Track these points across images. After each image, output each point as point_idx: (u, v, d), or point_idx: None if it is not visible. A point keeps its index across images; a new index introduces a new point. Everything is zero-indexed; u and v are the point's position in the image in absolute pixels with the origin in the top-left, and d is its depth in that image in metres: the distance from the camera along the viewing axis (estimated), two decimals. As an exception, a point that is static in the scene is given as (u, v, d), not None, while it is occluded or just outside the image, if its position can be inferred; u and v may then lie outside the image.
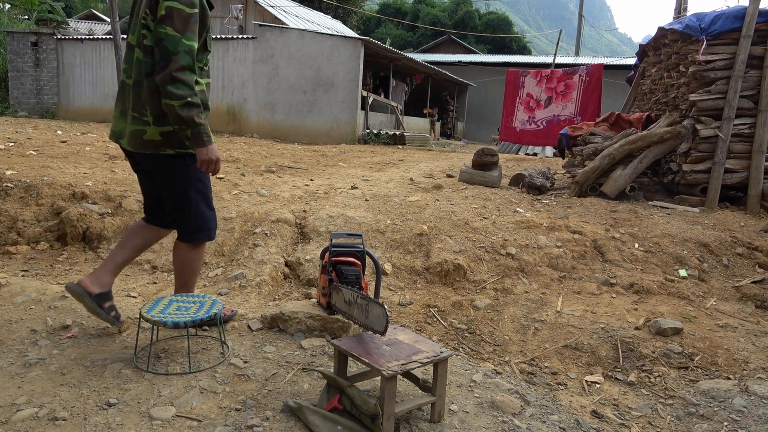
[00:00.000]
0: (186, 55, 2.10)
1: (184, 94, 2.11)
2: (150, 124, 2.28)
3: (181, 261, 2.59)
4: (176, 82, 2.09)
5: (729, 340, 3.02)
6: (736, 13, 5.52)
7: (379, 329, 2.05)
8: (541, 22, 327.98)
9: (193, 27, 2.12)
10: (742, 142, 5.60)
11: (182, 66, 2.09)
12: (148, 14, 2.17)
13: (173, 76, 2.08)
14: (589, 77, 11.48)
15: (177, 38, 2.08)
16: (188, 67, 2.11)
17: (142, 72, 2.26)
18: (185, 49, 2.10)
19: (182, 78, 2.09)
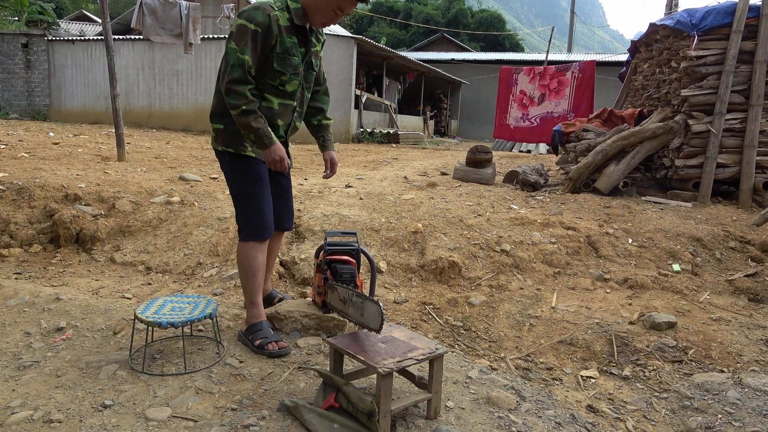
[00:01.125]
0: (238, 68, 2.27)
1: (238, 104, 2.28)
2: (211, 122, 2.53)
3: (236, 259, 2.63)
4: (230, 93, 2.28)
5: (722, 333, 3.04)
6: (727, 8, 5.55)
7: (375, 327, 2.05)
8: (534, 19, 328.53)
9: (249, 42, 2.26)
10: (734, 137, 5.63)
11: (233, 78, 2.27)
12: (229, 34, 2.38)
13: (227, 87, 2.28)
14: (581, 74, 11.51)
15: (234, 51, 2.27)
16: (239, 79, 2.27)
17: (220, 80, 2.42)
18: (238, 63, 2.26)
19: (234, 89, 2.27)
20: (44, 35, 15.73)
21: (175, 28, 9.26)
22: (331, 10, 2.32)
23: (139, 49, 15.33)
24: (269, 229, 2.55)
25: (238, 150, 2.47)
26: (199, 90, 14.98)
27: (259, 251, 2.55)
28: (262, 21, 2.27)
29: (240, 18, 2.29)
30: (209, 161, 7.51)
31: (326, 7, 2.32)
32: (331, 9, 2.32)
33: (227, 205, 4.54)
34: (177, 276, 3.68)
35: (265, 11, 2.28)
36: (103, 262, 3.90)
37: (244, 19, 2.27)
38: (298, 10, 2.36)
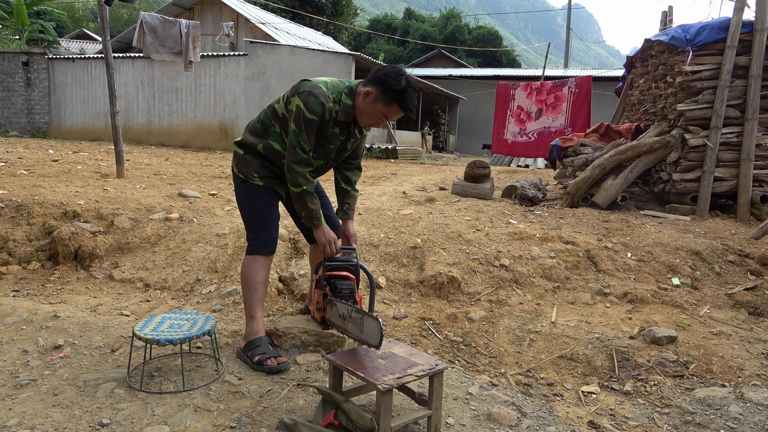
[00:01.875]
0: (300, 151, 2.42)
1: (299, 183, 2.45)
2: (234, 145, 2.70)
3: (240, 273, 2.68)
4: (292, 172, 2.44)
5: (723, 347, 3.03)
6: (720, 24, 5.62)
7: (374, 343, 2.04)
8: (530, 35, 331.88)
9: (306, 129, 2.40)
10: (731, 150, 5.66)
11: (297, 160, 2.43)
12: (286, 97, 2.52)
13: (290, 166, 2.44)
14: (578, 89, 11.60)
15: (296, 134, 2.40)
16: (302, 161, 2.43)
17: (265, 125, 2.60)
18: (299, 146, 2.41)
19: (297, 170, 2.43)
20: (45, 53, 15.85)
21: (175, 46, 9.35)
22: (377, 116, 2.45)
23: (139, 66, 15.44)
24: (273, 244, 2.65)
25: (248, 178, 2.60)
26: (198, 107, 15.06)
27: (263, 266, 2.60)
28: (319, 111, 2.38)
29: (300, 99, 2.39)
30: (208, 178, 7.53)
31: (374, 113, 2.44)
32: (378, 115, 2.45)
33: (226, 221, 4.55)
34: (175, 293, 3.66)
35: (322, 103, 2.38)
36: (101, 279, 3.89)
37: (303, 105, 2.37)
38: (349, 107, 2.47)
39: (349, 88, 2.49)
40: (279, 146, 2.54)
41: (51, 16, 24.23)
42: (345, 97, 2.46)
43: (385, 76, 2.37)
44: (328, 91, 2.42)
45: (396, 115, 2.45)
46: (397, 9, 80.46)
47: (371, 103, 2.41)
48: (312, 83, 2.43)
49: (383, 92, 2.38)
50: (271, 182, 2.61)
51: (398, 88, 2.35)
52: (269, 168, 2.60)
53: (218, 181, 7.21)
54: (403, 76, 2.37)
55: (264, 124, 2.59)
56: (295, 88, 2.47)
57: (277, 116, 2.54)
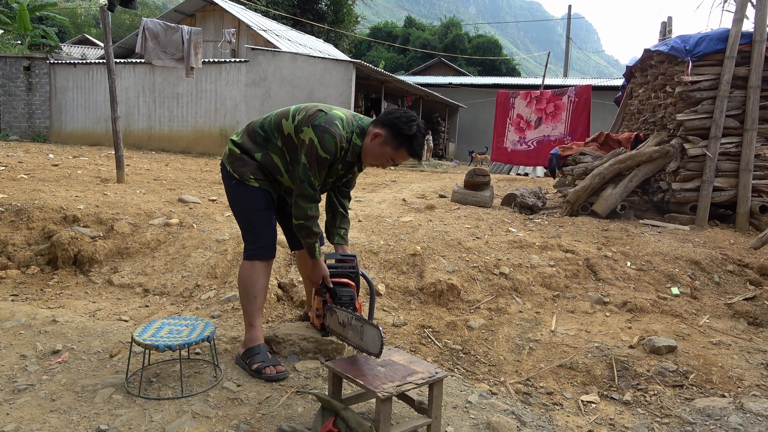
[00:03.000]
0: (308, 186, 2.39)
1: (302, 216, 2.44)
2: (231, 144, 2.62)
3: (237, 279, 2.65)
4: (298, 206, 2.43)
5: (723, 357, 3.02)
6: (720, 35, 5.65)
7: (374, 351, 2.04)
8: (530, 44, 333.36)
9: (317, 166, 2.38)
10: (730, 160, 5.68)
11: (303, 194, 2.41)
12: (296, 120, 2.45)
13: (297, 201, 2.43)
14: (577, 98, 11.64)
15: (306, 169, 2.37)
16: (308, 196, 2.41)
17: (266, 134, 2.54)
18: (308, 181, 2.39)
19: (300, 204, 2.42)
20: (46, 58, 15.89)
21: (177, 52, 9.38)
22: (384, 159, 2.45)
23: (140, 72, 15.48)
24: (273, 249, 2.60)
25: (243, 179, 2.53)
26: (199, 113, 15.09)
27: (262, 273, 2.57)
28: (333, 151, 2.37)
29: (315, 133, 2.34)
30: (208, 183, 7.54)
31: (381, 155, 2.43)
32: (385, 158, 2.44)
33: (226, 227, 4.55)
34: (175, 298, 3.66)
35: (338, 144, 2.36)
36: (100, 284, 3.88)
37: (318, 142, 2.33)
38: (358, 148, 2.46)
39: (361, 128, 2.47)
40: (278, 160, 2.51)
41: (53, 21, 24.31)
42: (356, 138, 2.44)
43: (397, 120, 2.36)
44: (343, 130, 2.39)
45: (403, 159, 2.45)
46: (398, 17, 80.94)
47: (379, 145, 2.40)
48: (328, 118, 2.37)
49: (393, 136, 2.37)
50: (266, 185, 2.56)
51: (409, 133, 2.35)
52: (265, 172, 2.55)
53: (218, 186, 7.21)
54: (414, 122, 2.37)
55: (266, 133, 2.53)
56: (309, 118, 2.40)
57: (281, 132, 2.49)
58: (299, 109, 2.49)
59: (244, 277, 2.57)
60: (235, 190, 2.57)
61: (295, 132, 2.44)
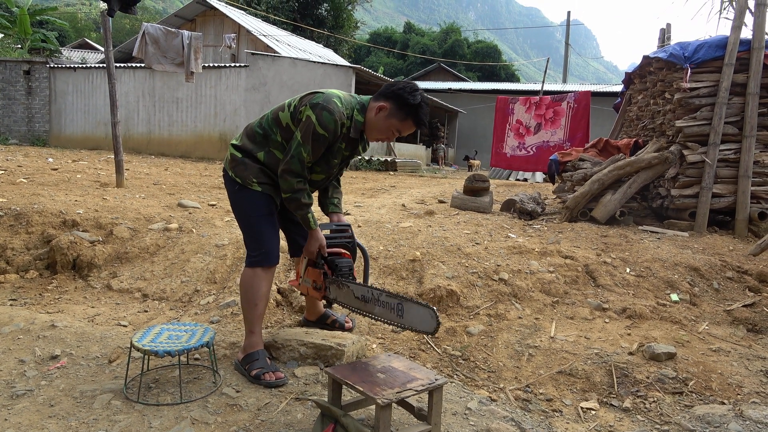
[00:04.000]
0: (297, 162, 2.38)
1: (291, 188, 2.41)
2: (232, 148, 2.60)
3: (239, 285, 2.62)
4: (283, 178, 2.41)
5: (722, 364, 3.02)
6: (718, 42, 5.67)
7: (428, 330, 2.03)
8: (529, 50, 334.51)
9: (313, 143, 2.37)
10: (729, 167, 5.69)
11: (290, 169, 2.39)
12: (293, 107, 2.47)
13: (282, 173, 2.40)
14: (577, 104, 11.67)
15: (298, 145, 2.37)
16: (295, 172, 2.39)
17: (265, 131, 2.54)
18: (299, 157, 2.37)
19: (287, 178, 2.40)
20: (46, 62, 15.92)
21: (177, 56, 9.40)
22: (390, 131, 2.44)
23: (140, 76, 15.51)
24: (276, 256, 2.57)
25: (246, 183, 2.51)
26: (199, 117, 15.10)
27: (264, 280, 2.55)
28: (331, 128, 2.36)
29: (313, 111, 2.34)
30: (207, 188, 7.54)
31: (387, 127, 2.43)
32: (391, 130, 2.44)
33: (225, 232, 4.54)
34: (174, 303, 3.65)
35: (337, 121, 2.36)
36: (99, 288, 3.87)
37: (316, 119, 2.33)
38: (359, 123, 2.46)
39: (361, 104, 2.47)
40: (281, 155, 2.49)
41: (53, 25, 24.38)
42: (357, 114, 2.45)
43: (401, 91, 2.36)
44: (342, 107, 2.39)
45: (409, 130, 2.44)
46: (398, 23, 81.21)
47: (384, 118, 2.40)
48: (326, 96, 2.38)
49: (398, 107, 2.37)
50: (269, 189, 2.54)
51: (414, 103, 2.35)
52: (268, 174, 2.53)
53: (218, 191, 7.21)
54: (418, 91, 2.37)
55: (264, 131, 2.53)
56: (306, 98, 2.42)
57: (279, 125, 2.49)
58: (294, 99, 2.51)
59: (245, 285, 2.55)
60: (237, 195, 2.55)
61: (292, 119, 2.45)
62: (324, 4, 30.75)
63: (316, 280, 2.62)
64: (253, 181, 2.51)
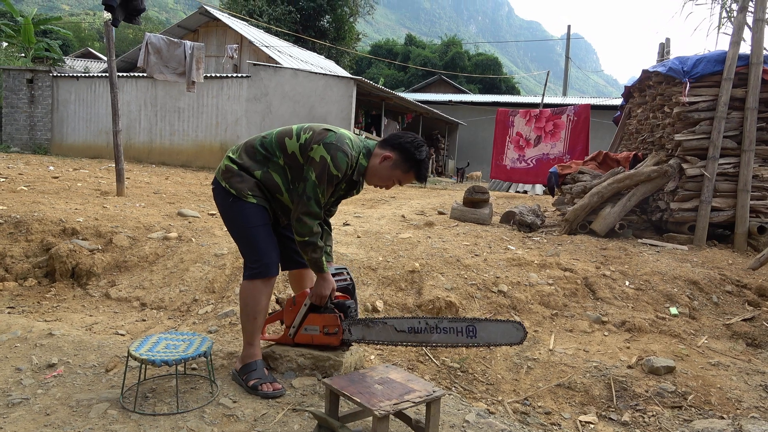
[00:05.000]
0: (315, 204, 2.38)
1: (303, 233, 2.40)
2: (228, 160, 2.56)
3: (239, 298, 2.59)
4: (300, 221, 2.39)
5: (721, 378, 3.01)
6: (717, 57, 5.71)
7: (515, 341, 2.13)
8: (529, 63, 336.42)
9: (327, 184, 2.37)
10: (728, 181, 5.71)
11: (308, 212, 2.38)
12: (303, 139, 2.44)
13: (299, 216, 2.39)
14: (577, 117, 11.72)
15: (314, 185, 2.36)
16: (314, 214, 2.39)
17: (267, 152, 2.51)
18: (315, 199, 2.37)
19: (305, 221, 2.39)
20: (49, 71, 16.00)
21: (179, 66, 9.46)
22: (391, 180, 2.47)
23: (142, 86, 15.59)
24: (275, 267, 2.54)
25: (240, 195, 2.47)
26: (200, 127, 15.16)
27: (264, 293, 2.52)
28: (345, 169, 2.38)
29: (327, 152, 2.34)
30: (207, 197, 7.55)
31: (389, 177, 2.46)
32: (392, 179, 2.47)
33: (224, 241, 4.55)
34: (172, 312, 3.64)
35: (349, 162, 2.38)
36: (97, 297, 3.87)
37: (331, 160, 2.33)
38: (363, 168, 2.48)
39: (367, 148, 2.50)
40: (279, 179, 2.48)
41: (57, 35, 24.55)
42: (362, 158, 2.47)
43: (408, 144, 2.40)
44: (353, 149, 2.41)
45: (409, 181, 2.49)
46: (399, 35, 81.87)
47: (389, 167, 2.43)
48: (338, 136, 2.38)
49: (404, 160, 2.41)
50: (263, 201, 2.52)
51: (419, 158, 2.40)
52: (263, 190, 2.52)
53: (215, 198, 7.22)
54: (424, 147, 2.41)
55: (267, 151, 2.50)
56: (319, 135, 2.39)
57: (284, 151, 2.46)
58: (303, 128, 2.47)
59: (244, 298, 2.52)
60: (232, 207, 2.50)
61: (300, 150, 2.42)
62: (326, 16, 30.98)
63: (329, 325, 2.57)
64: (249, 193, 2.47)
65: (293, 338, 2.66)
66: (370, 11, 34.61)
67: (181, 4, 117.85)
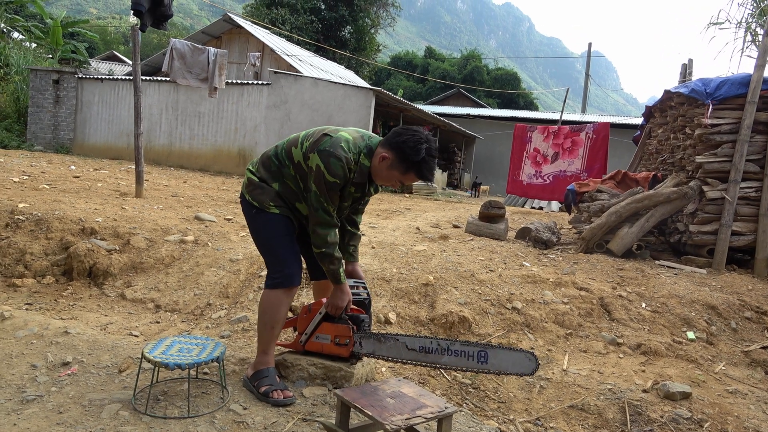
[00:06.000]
0: (323, 213, 2.39)
1: (318, 244, 2.42)
2: (249, 172, 2.61)
3: (259, 306, 2.59)
4: (316, 235, 2.42)
5: (739, 406, 2.95)
6: (741, 79, 5.65)
7: (526, 371, 2.09)
8: (548, 79, 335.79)
9: (328, 192, 2.37)
10: (749, 205, 5.62)
11: (319, 222, 2.40)
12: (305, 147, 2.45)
13: (314, 229, 2.42)
14: (595, 135, 11.64)
15: (318, 197, 2.37)
16: (325, 223, 2.40)
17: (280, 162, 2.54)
18: (323, 209, 2.39)
19: (318, 232, 2.41)
20: (75, 73, 16.31)
21: (202, 72, 9.59)
22: (392, 180, 2.44)
23: (165, 90, 15.82)
24: (297, 277, 2.55)
25: (263, 206, 2.51)
26: (219, 132, 15.32)
27: (283, 303, 2.53)
28: (341, 174, 2.35)
29: (320, 159, 2.33)
30: (225, 202, 7.61)
31: (389, 177, 2.42)
32: (393, 180, 2.43)
33: (240, 247, 4.57)
34: (185, 316, 3.66)
35: (344, 167, 2.34)
36: (113, 297, 3.91)
37: (324, 167, 2.32)
38: (365, 168, 2.44)
39: (369, 147, 2.45)
40: (294, 187, 2.51)
41: (84, 37, 25.04)
42: (363, 158, 2.42)
43: (403, 145, 2.32)
44: (349, 152, 2.36)
45: (412, 181, 2.42)
46: (419, 47, 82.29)
47: (387, 168, 2.38)
48: (333, 141, 2.35)
49: (400, 160, 2.34)
50: (286, 211, 2.54)
51: (416, 159, 2.31)
52: (285, 200, 2.54)
53: (234, 206, 7.28)
54: (421, 146, 2.30)
55: (279, 161, 2.53)
56: (315, 143, 2.39)
57: (292, 160, 2.49)
58: (308, 135, 2.49)
59: (264, 307, 2.53)
60: (256, 219, 2.54)
61: (303, 159, 2.43)
62: (347, 27, 31.28)
63: (340, 336, 2.56)
64: (270, 204, 2.50)
65: (304, 345, 2.66)
66: (391, 23, 34.87)
67: (206, 11, 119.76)
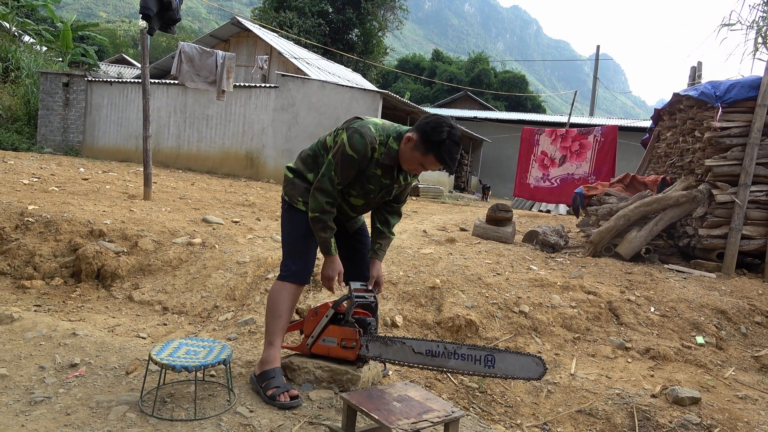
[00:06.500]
0: (327, 181, 2.46)
1: (314, 208, 2.48)
2: (287, 170, 2.72)
3: (268, 297, 2.66)
4: (314, 197, 2.48)
5: (749, 412, 2.92)
6: (751, 82, 5.61)
7: (534, 376, 2.08)
8: (556, 82, 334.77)
9: (342, 164, 2.43)
10: (759, 209, 5.57)
11: (320, 188, 2.47)
12: (336, 130, 2.59)
13: (313, 190, 2.49)
14: (603, 138, 11.58)
15: (330, 165, 2.46)
16: (325, 190, 2.46)
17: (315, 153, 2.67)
18: (329, 177, 2.45)
19: (317, 196, 2.48)
20: (85, 76, 16.44)
21: (210, 75, 9.64)
22: (415, 163, 2.46)
23: (173, 93, 15.91)
24: (305, 275, 2.63)
25: (293, 202, 2.63)
26: (227, 134, 15.39)
27: (292, 295, 2.61)
28: (361, 150, 2.41)
29: (346, 134, 2.44)
30: (232, 204, 7.63)
31: (411, 159, 2.45)
32: (415, 163, 2.45)
33: (247, 249, 4.58)
34: (193, 318, 3.67)
35: (367, 144, 2.41)
36: (121, 299, 3.92)
37: (347, 140, 2.42)
38: (394, 151, 2.48)
39: (399, 132, 2.50)
40: None
41: (93, 40, 25.23)
42: (392, 141, 2.47)
43: (425, 125, 2.35)
44: (375, 132, 2.45)
45: (434, 166, 2.41)
46: (426, 50, 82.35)
47: (410, 149, 2.41)
48: (362, 122, 2.48)
49: (422, 141, 2.36)
50: None
51: (436, 140, 2.31)
52: None
53: (242, 208, 7.30)
54: (443, 127, 2.31)
55: (314, 153, 2.65)
56: (346, 123, 2.54)
57: (326, 148, 2.61)
58: (340, 126, 2.61)
59: (273, 296, 2.62)
60: (285, 214, 2.68)
61: (333, 140, 2.56)
62: (355, 30, 31.35)
63: (347, 339, 2.55)
64: (299, 200, 2.62)
65: (310, 348, 2.66)
66: (398, 26, 34.90)
67: (214, 15, 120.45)
